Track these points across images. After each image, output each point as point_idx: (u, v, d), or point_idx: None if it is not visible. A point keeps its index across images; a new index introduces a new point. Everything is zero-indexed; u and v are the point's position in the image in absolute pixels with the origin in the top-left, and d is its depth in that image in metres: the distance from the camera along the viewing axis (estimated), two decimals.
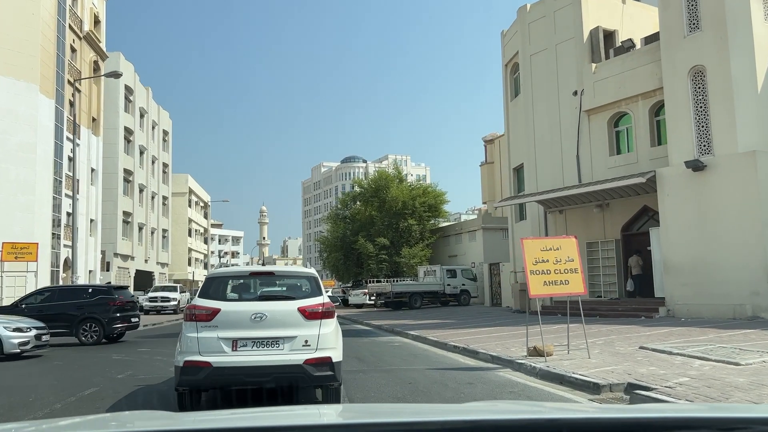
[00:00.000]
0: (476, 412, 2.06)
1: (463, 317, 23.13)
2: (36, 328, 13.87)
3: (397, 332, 17.96)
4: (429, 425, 1.73)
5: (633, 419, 1.71)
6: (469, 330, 16.90)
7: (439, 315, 25.34)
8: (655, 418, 1.72)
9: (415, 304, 32.07)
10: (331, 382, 6.82)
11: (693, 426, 1.60)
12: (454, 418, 1.81)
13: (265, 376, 6.59)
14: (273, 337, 6.70)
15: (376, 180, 40.34)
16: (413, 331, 16.94)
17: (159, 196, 57.08)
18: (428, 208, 39.32)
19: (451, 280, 33.51)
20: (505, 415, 1.93)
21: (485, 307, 31.18)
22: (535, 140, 24.81)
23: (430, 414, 2.13)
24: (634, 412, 2.05)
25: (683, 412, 2.13)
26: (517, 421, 1.74)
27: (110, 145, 44.67)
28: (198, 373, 6.51)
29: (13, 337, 13.28)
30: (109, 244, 44.16)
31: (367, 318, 25.50)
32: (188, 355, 6.59)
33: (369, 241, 38.45)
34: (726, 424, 1.64)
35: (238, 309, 6.89)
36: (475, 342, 13.45)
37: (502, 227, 36.52)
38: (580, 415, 1.92)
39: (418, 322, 21.44)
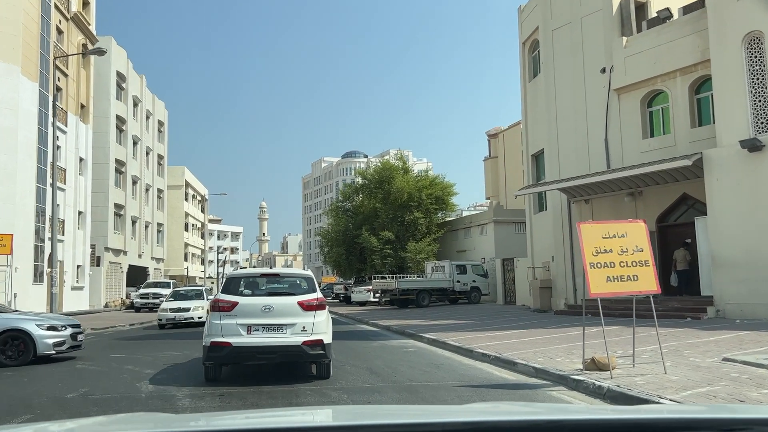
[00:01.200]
0: (477, 413, 2.09)
1: (478, 317, 21.01)
2: (71, 326, 12.20)
3: (410, 334, 15.84)
4: (430, 427, 1.74)
5: (634, 420, 1.71)
6: (492, 333, 14.78)
7: (451, 314, 23.23)
8: (657, 419, 1.74)
9: (423, 302, 29.96)
10: (322, 359, 8.77)
11: (694, 426, 1.60)
12: (455, 420, 1.81)
13: (272, 354, 8.54)
14: (278, 324, 8.58)
15: (380, 171, 38.18)
16: (428, 334, 14.83)
17: (154, 188, 54.93)
18: (435, 201, 37.17)
19: (460, 276, 31.39)
20: (506, 416, 1.95)
21: (499, 306, 29.06)
22: (557, 123, 22.64)
23: (431, 415, 2.16)
24: (635, 413, 2.02)
25: (684, 413, 2.11)
26: (517, 422, 1.74)
27: (101, 134, 42.50)
28: (221, 351, 8.40)
29: (48, 336, 11.56)
30: (99, 237, 42.04)
31: (373, 317, 23.40)
32: (214, 337, 8.45)
33: (373, 234, 36.32)
34: (726, 424, 1.63)
35: (252, 302, 8.76)
36: (506, 349, 11.33)
37: (515, 220, 34.40)
38: (581, 416, 1.88)
39: (430, 322, 19.33)
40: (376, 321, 21.01)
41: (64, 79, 35.66)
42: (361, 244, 37.42)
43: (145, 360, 11.82)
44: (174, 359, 11.82)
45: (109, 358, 12.50)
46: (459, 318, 20.82)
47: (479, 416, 1.94)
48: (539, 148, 24.17)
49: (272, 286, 9.47)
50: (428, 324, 18.50)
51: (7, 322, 11.60)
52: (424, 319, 20.97)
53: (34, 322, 11.79)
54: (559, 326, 15.70)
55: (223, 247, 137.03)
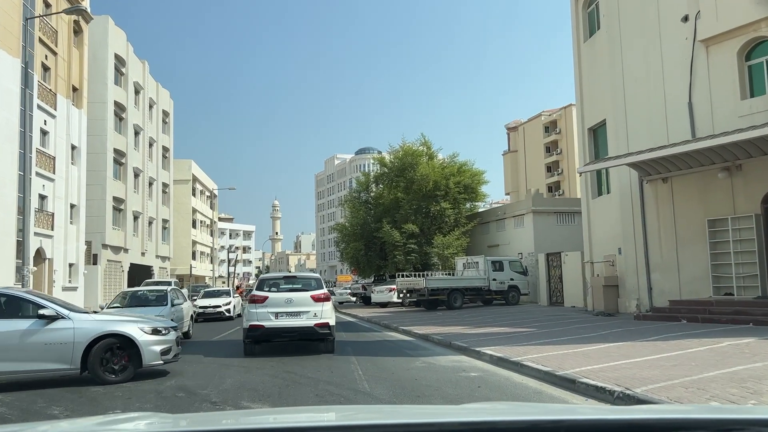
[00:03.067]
0: (476, 414, 2.07)
1: (533, 322, 17.12)
2: (173, 329, 10.08)
3: (460, 348, 12.01)
4: (428, 427, 1.73)
5: (633, 420, 1.72)
6: (577, 348, 10.91)
7: (496, 318, 19.37)
8: (655, 419, 1.75)
9: (455, 304, 26.10)
10: (328, 336, 12.09)
11: (691, 427, 1.60)
12: (453, 420, 1.80)
13: (293, 333, 11.98)
14: (297, 311, 11.89)
15: (402, 157, 34.30)
16: (486, 348, 11.02)
17: (158, 182, 51.57)
18: (464, 189, 33.26)
19: (497, 274, 27.48)
20: (506, 416, 1.93)
21: (544, 308, 25.12)
22: (624, 87, 18.68)
23: (429, 416, 2.12)
24: (633, 413, 2.01)
25: (682, 413, 2.09)
26: (518, 422, 1.73)
27: (97, 120, 39.15)
28: (257, 331, 11.79)
29: (153, 342, 9.28)
30: (96, 234, 38.69)
31: (402, 322, 19.60)
32: (251, 321, 11.80)
33: (395, 228, 32.50)
34: (724, 425, 1.63)
35: (278, 296, 12.10)
36: (626, 377, 7.46)
37: (556, 210, 30.45)
38: (581, 416, 1.89)
39: (476, 330, 15.49)
40: (408, 327, 17.18)
41: (53, 57, 32.28)
42: (381, 239, 33.64)
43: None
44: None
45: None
46: (509, 324, 16.95)
47: (477, 416, 1.93)
48: (599, 119, 20.22)
49: (291, 285, 12.69)
50: (476, 333, 14.67)
51: (103, 325, 9.11)
52: (465, 325, 17.13)
53: (136, 324, 9.44)
54: (670, 336, 11.79)
55: (235, 246, 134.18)
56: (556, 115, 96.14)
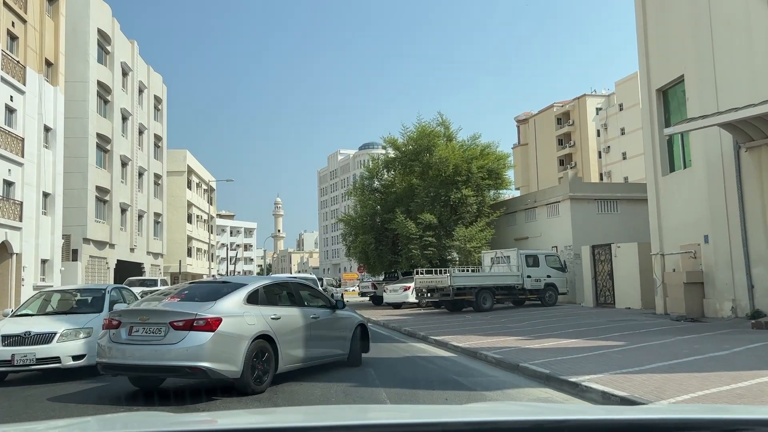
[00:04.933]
0: (479, 414, 2.05)
1: (605, 331, 13.20)
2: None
3: (538, 376, 8.11)
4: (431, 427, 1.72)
5: (635, 421, 1.70)
6: (714, 375, 6.98)
7: (548, 324, 15.45)
8: (657, 420, 1.72)
9: (484, 304, 22.17)
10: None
11: (695, 427, 1.58)
12: (457, 420, 1.79)
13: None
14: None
15: (417, 139, 30.29)
16: (587, 379, 7.16)
17: (149, 173, 47.74)
18: (487, 174, 29.28)
19: (531, 270, 23.55)
20: (509, 416, 1.91)
21: (591, 309, 21.19)
22: (712, 32, 14.71)
23: (433, 416, 2.11)
24: (636, 413, 2.01)
25: (685, 413, 2.09)
26: (522, 422, 1.71)
27: (77, 101, 35.33)
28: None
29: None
30: (76, 227, 34.90)
31: (428, 328, 15.70)
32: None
33: (409, 218, 28.56)
34: (727, 425, 1.61)
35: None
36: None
37: (597, 197, 26.47)
38: (582, 416, 1.85)
39: (538, 343, 11.59)
40: (441, 337, 13.24)
41: (22, 25, 28.46)
42: (393, 231, 29.71)
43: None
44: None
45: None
46: (576, 334, 13.03)
47: (481, 416, 1.91)
48: (673, 76, 16.26)
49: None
50: (540, 348, 10.77)
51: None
52: (515, 335, 13.23)
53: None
54: None
55: (236, 244, 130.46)
56: (569, 106, 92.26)
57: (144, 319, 7.26)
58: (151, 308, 7.57)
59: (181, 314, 7.14)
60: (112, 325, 7.42)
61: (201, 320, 7.06)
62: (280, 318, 8.06)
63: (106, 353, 7.29)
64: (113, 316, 7.58)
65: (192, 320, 7.05)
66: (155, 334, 7.13)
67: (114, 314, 7.70)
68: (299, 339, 8.34)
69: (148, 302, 8.40)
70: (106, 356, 7.32)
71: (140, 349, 7.11)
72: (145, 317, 7.30)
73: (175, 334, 7.02)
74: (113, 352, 7.23)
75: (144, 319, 7.26)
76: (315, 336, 8.64)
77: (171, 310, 7.28)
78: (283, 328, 8.03)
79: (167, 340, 7.03)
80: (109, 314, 8.14)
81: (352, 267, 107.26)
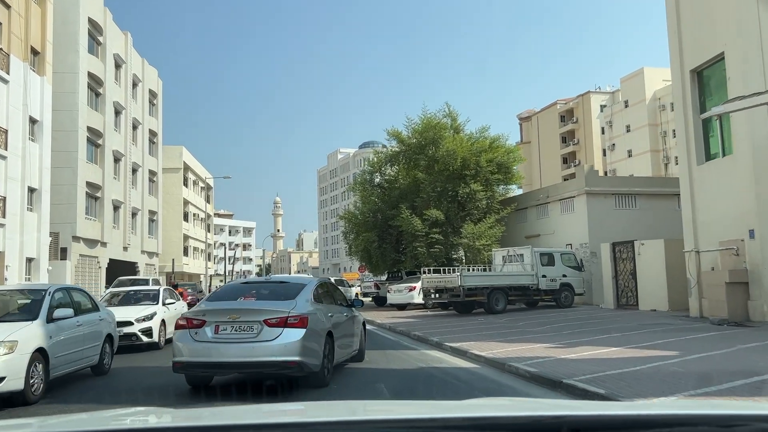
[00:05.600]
0: (478, 409, 2.07)
1: (643, 337, 11.69)
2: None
3: (592, 396, 6.56)
4: (430, 422, 1.70)
5: (634, 416, 1.69)
6: None
7: (572, 328, 13.94)
8: (656, 415, 1.70)
9: (497, 306, 20.64)
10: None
11: (693, 422, 1.58)
12: (456, 415, 1.78)
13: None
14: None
15: (422, 131, 28.74)
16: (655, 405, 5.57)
17: (144, 169, 46.20)
18: (497, 168, 27.75)
19: (547, 269, 22.03)
20: (508, 412, 1.94)
21: (612, 311, 19.68)
22: (758, 5, 13.19)
23: (431, 411, 2.07)
24: (635, 408, 2.01)
25: (684, 408, 2.10)
26: (520, 417, 1.71)
27: (66, 93, 33.80)
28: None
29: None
30: (65, 224, 33.36)
31: (440, 332, 14.20)
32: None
33: (414, 214, 27.04)
34: (726, 420, 1.60)
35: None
36: None
37: (615, 191, 24.95)
38: (583, 411, 1.89)
39: (571, 352, 10.08)
40: (458, 343, 11.71)
41: (5, 11, 26.89)
42: (398, 228, 28.19)
43: None
44: None
45: None
46: (609, 341, 11.51)
47: (480, 412, 1.92)
48: (711, 54, 14.73)
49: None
50: (575, 358, 9.28)
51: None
52: (541, 341, 11.72)
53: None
54: None
55: (234, 244, 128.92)
56: (572, 104, 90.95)
57: (234, 318, 7.31)
58: (242, 307, 7.63)
59: (275, 312, 7.35)
60: (193, 324, 7.41)
61: (294, 317, 7.33)
62: (333, 316, 8.53)
63: (187, 353, 7.31)
64: (196, 316, 7.53)
65: (286, 318, 7.29)
66: (247, 332, 7.26)
67: (197, 313, 7.64)
68: (342, 336, 8.81)
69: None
70: (187, 356, 7.33)
71: (231, 347, 7.20)
72: (235, 315, 7.34)
73: (270, 331, 7.22)
74: (197, 352, 7.26)
75: (234, 318, 7.31)
76: (348, 333, 9.22)
77: (264, 308, 7.47)
78: (336, 326, 8.50)
79: (262, 336, 7.21)
80: (189, 313, 7.87)
81: (352, 267, 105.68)
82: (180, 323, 7.67)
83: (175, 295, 16.35)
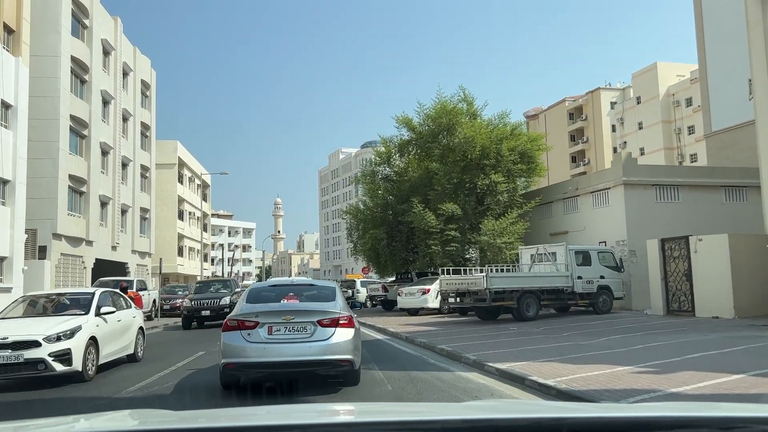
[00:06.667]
0: (478, 412, 2.04)
1: (746, 352, 8.91)
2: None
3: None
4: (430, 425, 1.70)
5: (633, 418, 1.69)
6: None
7: (644, 341, 11.15)
8: (656, 417, 1.71)
9: (528, 312, 17.85)
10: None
11: (693, 425, 1.57)
12: (456, 417, 1.77)
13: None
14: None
15: (436, 118, 25.90)
16: None
17: (135, 164, 43.44)
18: (519, 158, 24.97)
19: (582, 269, 19.25)
20: (508, 414, 1.91)
21: (662, 318, 16.87)
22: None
23: (431, 413, 2.10)
24: (634, 411, 1.99)
25: (684, 411, 2.01)
26: (521, 420, 1.70)
27: (46, 78, 31.07)
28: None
29: None
30: (45, 220, 30.58)
31: (472, 346, 11.43)
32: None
33: (428, 208, 24.25)
34: (725, 423, 1.60)
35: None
36: None
37: (656, 182, 22.15)
38: (584, 414, 1.88)
39: (663, 380, 7.37)
40: (506, 365, 8.89)
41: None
42: (408, 225, 25.41)
43: None
44: None
45: None
46: (714, 360, 8.75)
47: (480, 414, 1.90)
48: None
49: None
50: (702, 392, 6.43)
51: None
52: (619, 360, 8.95)
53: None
54: None
55: (234, 245, 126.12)
56: (581, 101, 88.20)
57: (288, 319, 7.59)
58: (295, 308, 7.87)
59: (328, 313, 7.70)
60: (245, 326, 7.58)
61: (344, 318, 7.73)
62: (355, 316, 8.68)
63: (240, 353, 7.47)
64: (248, 318, 7.65)
65: (338, 318, 7.68)
66: (301, 333, 7.56)
67: (250, 315, 7.71)
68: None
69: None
70: (240, 356, 7.49)
71: (286, 347, 7.46)
72: (289, 317, 7.60)
73: (323, 331, 7.56)
74: (250, 352, 7.45)
75: (288, 319, 7.59)
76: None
77: (317, 309, 7.77)
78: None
79: (316, 336, 7.53)
80: (239, 315, 7.86)
81: (354, 268, 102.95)
82: (230, 324, 7.72)
83: (123, 302, 12.06)
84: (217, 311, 20.62)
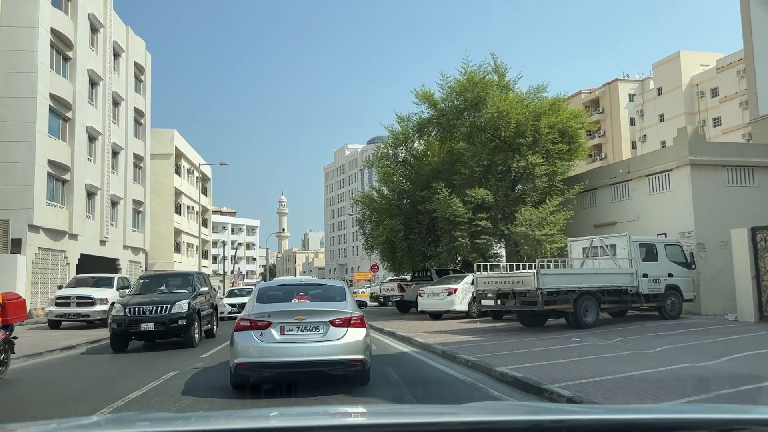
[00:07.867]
0: (477, 413, 2.02)
1: None
2: None
3: None
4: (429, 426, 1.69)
5: (633, 420, 1.69)
6: None
7: (762, 357, 7.74)
8: (655, 419, 1.70)
9: (586, 318, 14.42)
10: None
11: (692, 426, 1.57)
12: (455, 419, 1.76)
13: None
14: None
15: (461, 91, 22.34)
16: None
17: (127, 152, 40.12)
18: (560, 137, 21.49)
19: (648, 266, 15.79)
20: (507, 416, 1.89)
21: (755, 326, 13.40)
22: None
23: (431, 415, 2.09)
24: (634, 412, 1.96)
25: (683, 412, 2.05)
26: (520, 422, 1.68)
27: (22, 52, 27.79)
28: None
29: None
30: (19, 210, 27.27)
31: (540, 365, 8.08)
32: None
33: (454, 195, 20.81)
34: (724, 424, 1.60)
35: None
36: None
37: (727, 162, 18.63)
38: (583, 416, 1.86)
39: None
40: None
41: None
42: (430, 214, 21.99)
43: None
44: None
45: None
46: None
47: (479, 416, 1.87)
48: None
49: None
50: None
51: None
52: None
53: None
54: None
55: (237, 242, 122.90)
56: (598, 93, 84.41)
57: (301, 319, 7.60)
58: (308, 308, 7.82)
59: (340, 313, 7.78)
60: (257, 326, 7.56)
61: (356, 318, 7.83)
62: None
63: (253, 353, 7.46)
64: (261, 317, 7.62)
65: (350, 318, 7.77)
66: (314, 332, 7.60)
67: (262, 315, 7.68)
68: None
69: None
70: (253, 356, 7.47)
71: (299, 347, 7.49)
72: (302, 317, 7.62)
73: (336, 330, 7.63)
74: (263, 352, 7.46)
75: (301, 319, 7.60)
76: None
77: (329, 310, 7.83)
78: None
79: (329, 336, 7.59)
80: (252, 315, 7.74)
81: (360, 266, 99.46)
82: (243, 324, 7.67)
83: None
84: (166, 324, 12.84)
